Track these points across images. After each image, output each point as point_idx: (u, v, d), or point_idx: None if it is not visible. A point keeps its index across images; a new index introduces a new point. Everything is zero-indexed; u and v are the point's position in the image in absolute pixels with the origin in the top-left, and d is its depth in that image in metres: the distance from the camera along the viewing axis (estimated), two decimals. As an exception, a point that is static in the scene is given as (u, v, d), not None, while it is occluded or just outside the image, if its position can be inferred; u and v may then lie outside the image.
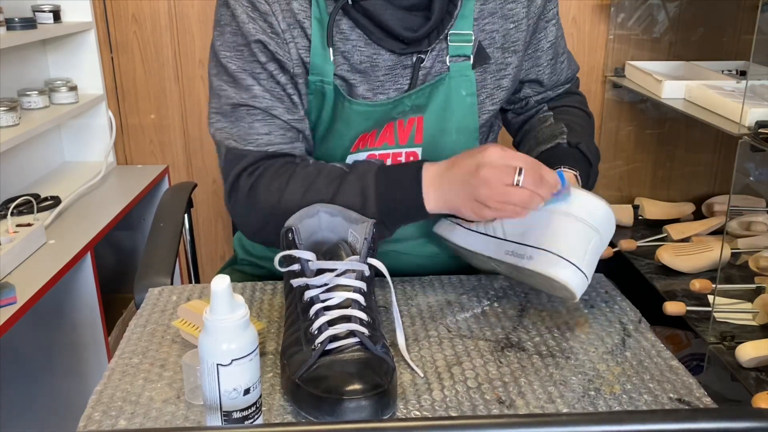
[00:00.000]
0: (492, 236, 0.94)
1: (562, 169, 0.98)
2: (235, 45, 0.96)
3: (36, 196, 1.79)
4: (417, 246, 1.08)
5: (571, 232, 0.87)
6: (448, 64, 1.01)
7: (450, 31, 0.99)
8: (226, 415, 0.66)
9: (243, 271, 1.18)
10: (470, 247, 0.96)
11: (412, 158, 1.03)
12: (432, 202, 0.90)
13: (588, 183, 1.02)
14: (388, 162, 1.02)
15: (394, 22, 0.94)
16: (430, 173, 0.90)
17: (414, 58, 1.00)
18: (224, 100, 0.97)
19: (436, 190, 0.90)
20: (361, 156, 1.02)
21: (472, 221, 0.95)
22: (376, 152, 1.02)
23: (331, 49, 0.97)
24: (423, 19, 0.96)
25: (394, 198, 0.91)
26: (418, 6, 0.97)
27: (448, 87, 1.01)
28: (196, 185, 1.46)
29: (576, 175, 0.99)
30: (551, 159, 1.00)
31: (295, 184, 0.93)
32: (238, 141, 0.97)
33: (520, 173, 0.84)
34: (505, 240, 0.92)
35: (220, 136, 0.98)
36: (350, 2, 0.95)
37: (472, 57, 1.01)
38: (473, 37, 1.01)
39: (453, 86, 1.01)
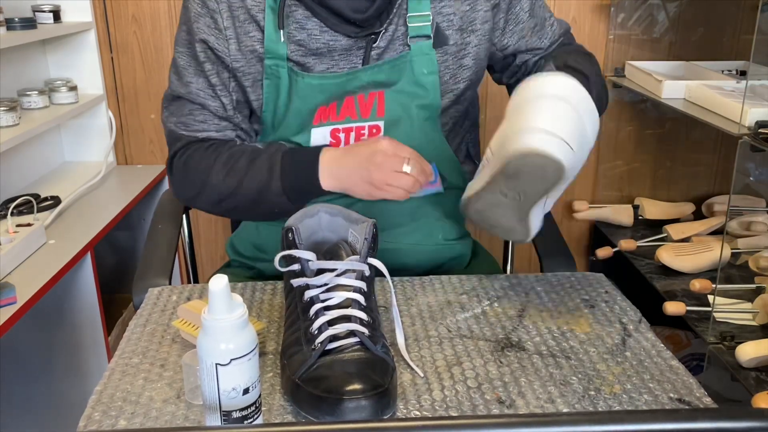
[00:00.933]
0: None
1: None
2: (185, 41, 1.07)
3: (36, 196, 1.79)
4: (401, 235, 1.09)
5: (530, 109, 0.82)
6: (409, 44, 1.06)
7: (408, 14, 1.04)
8: (226, 415, 0.66)
9: (235, 273, 1.19)
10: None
11: (374, 131, 1.08)
12: (326, 180, 1.01)
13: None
14: (352, 135, 1.08)
15: (341, 4, 1.00)
16: (327, 156, 1.01)
17: (367, 40, 1.04)
18: (170, 90, 1.11)
19: (331, 171, 1.01)
20: (325, 129, 1.07)
21: None
22: (340, 125, 1.07)
23: (282, 31, 1.02)
24: (370, 2, 1.02)
25: (295, 175, 1.02)
26: None
27: (410, 65, 1.06)
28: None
29: None
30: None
31: (219, 163, 1.05)
32: (176, 126, 1.10)
33: (408, 163, 0.97)
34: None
35: (164, 121, 1.12)
36: None
37: (432, 37, 1.06)
38: (431, 18, 1.05)
39: (415, 64, 1.06)
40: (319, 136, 1.07)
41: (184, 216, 1.35)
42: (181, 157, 1.08)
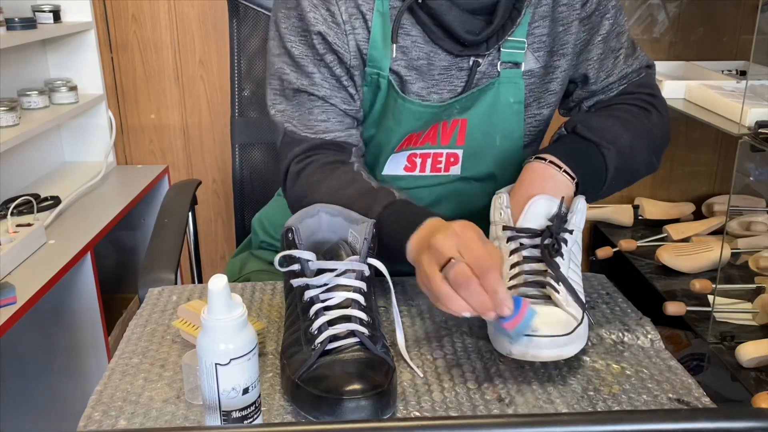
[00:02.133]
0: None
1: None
2: (299, 30, 0.98)
3: (36, 196, 1.79)
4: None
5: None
6: (499, 69, 1.00)
7: (504, 38, 0.98)
8: (225, 415, 0.66)
9: (259, 256, 1.18)
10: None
11: (452, 159, 1.03)
12: (411, 252, 0.83)
13: (602, 171, 0.94)
14: (429, 161, 1.03)
15: (456, 24, 0.95)
16: (429, 223, 0.83)
17: (470, 62, 0.99)
18: (286, 84, 1.00)
19: (419, 241, 0.82)
20: (404, 154, 1.02)
21: None
22: (418, 151, 1.03)
23: (394, 45, 0.96)
24: (485, 24, 0.96)
25: (388, 232, 0.86)
26: (482, 10, 0.96)
27: (497, 92, 1.00)
28: (200, 182, 1.46)
29: (554, 164, 0.90)
30: (538, 153, 0.94)
31: (327, 185, 0.95)
32: (296, 126, 1.00)
33: (452, 265, 0.73)
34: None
35: (280, 118, 1.01)
36: (418, 1, 0.95)
37: (523, 65, 1.00)
38: (525, 45, 0.99)
39: (501, 92, 1.00)
40: (395, 162, 1.03)
41: (189, 213, 1.35)
42: (298, 164, 0.99)
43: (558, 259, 0.84)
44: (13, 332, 1.38)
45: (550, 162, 0.90)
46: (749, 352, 1.39)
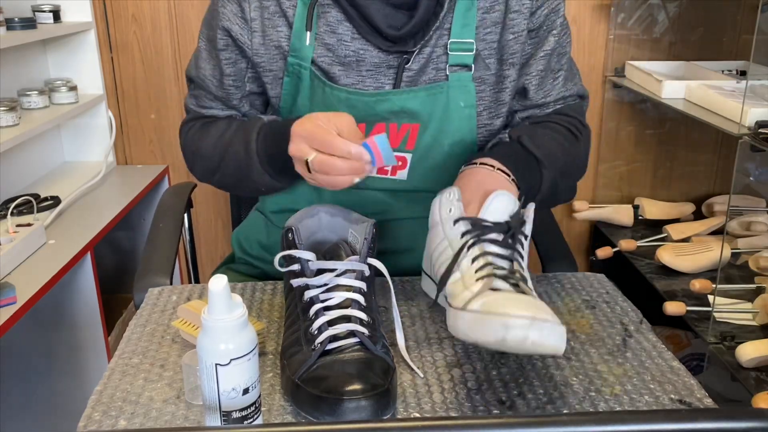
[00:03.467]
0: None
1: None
2: (207, 23, 1.06)
3: (36, 196, 1.79)
4: (400, 260, 1.04)
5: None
6: (447, 73, 0.99)
7: (450, 40, 0.98)
8: (225, 415, 0.66)
9: (238, 270, 1.18)
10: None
11: (399, 162, 1.01)
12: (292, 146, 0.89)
13: (536, 187, 0.94)
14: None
15: (378, 17, 0.95)
16: (298, 122, 0.89)
17: (399, 59, 0.98)
18: (189, 68, 1.11)
19: (295, 136, 0.89)
20: None
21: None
22: None
23: (308, 33, 0.98)
24: (408, 18, 0.96)
25: (271, 141, 0.96)
26: (405, 4, 0.96)
27: (447, 97, 0.99)
28: (195, 186, 1.46)
29: (498, 165, 0.90)
30: (475, 156, 0.93)
31: (211, 135, 1.05)
32: (189, 101, 1.12)
33: (311, 164, 0.85)
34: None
35: (187, 95, 1.14)
36: None
37: (472, 67, 0.99)
38: (474, 47, 0.98)
39: (451, 96, 0.99)
40: None
41: (185, 215, 1.35)
42: (188, 131, 1.10)
43: (519, 258, 0.81)
44: (13, 332, 1.38)
45: (498, 170, 0.89)
46: (749, 352, 1.39)
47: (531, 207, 0.85)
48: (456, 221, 0.83)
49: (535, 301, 0.74)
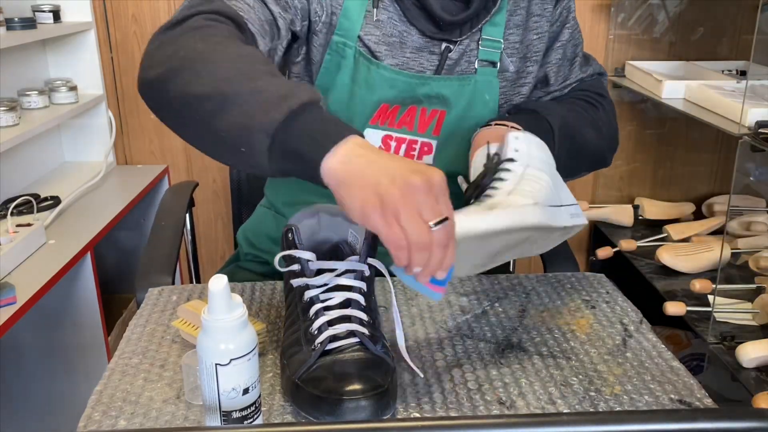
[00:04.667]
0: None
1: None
2: None
3: (36, 196, 1.79)
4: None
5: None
6: (476, 66, 1.03)
7: (482, 36, 1.02)
8: (225, 415, 0.66)
9: (247, 267, 1.18)
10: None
11: (425, 148, 1.04)
12: (335, 160, 0.68)
13: (555, 151, 0.95)
14: (403, 147, 1.03)
15: (434, 2, 0.97)
16: (360, 141, 0.70)
17: (443, 46, 1.01)
18: None
19: (350, 156, 0.68)
20: (379, 133, 1.03)
21: None
22: (394, 134, 1.04)
23: (375, 9, 0.97)
24: (462, 7, 0.99)
25: (306, 125, 0.70)
26: None
27: (474, 88, 1.03)
28: (197, 184, 1.46)
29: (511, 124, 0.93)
30: (490, 121, 0.96)
31: (236, 47, 0.79)
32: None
33: (442, 222, 0.66)
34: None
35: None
36: None
37: (498, 64, 1.03)
38: (502, 45, 1.03)
39: (478, 89, 1.03)
40: (371, 138, 1.02)
41: (187, 215, 1.35)
42: (203, 20, 0.82)
43: (499, 183, 0.83)
44: (13, 332, 1.38)
45: (497, 124, 0.93)
46: (749, 352, 1.39)
47: (524, 133, 0.88)
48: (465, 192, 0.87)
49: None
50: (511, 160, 0.85)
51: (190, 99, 0.75)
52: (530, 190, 0.82)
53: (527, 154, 0.86)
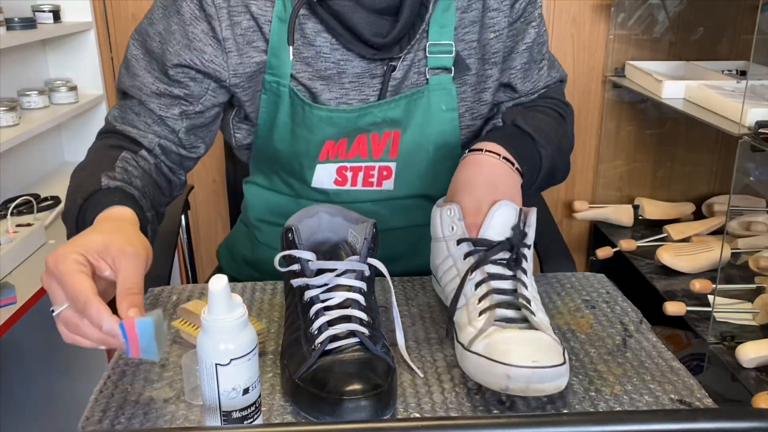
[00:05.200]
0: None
1: None
2: (164, 31, 0.94)
3: (36, 196, 1.79)
4: (402, 263, 1.04)
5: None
6: (427, 76, 0.96)
7: (429, 42, 0.95)
8: (226, 415, 0.66)
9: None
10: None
11: (385, 172, 1.00)
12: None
13: (537, 167, 0.92)
14: (360, 175, 0.99)
15: (363, 25, 0.90)
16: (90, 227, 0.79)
17: (384, 67, 0.95)
18: (120, 79, 0.99)
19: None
20: (332, 167, 0.99)
21: None
22: (348, 164, 0.99)
23: (291, 48, 0.92)
24: (392, 23, 0.91)
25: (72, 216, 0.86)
26: (389, 10, 0.91)
27: (428, 101, 0.96)
28: (192, 187, 1.46)
29: (504, 153, 0.87)
30: (471, 142, 0.91)
31: (89, 157, 0.94)
32: (111, 113, 0.99)
33: (58, 316, 0.69)
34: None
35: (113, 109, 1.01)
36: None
37: (452, 69, 0.96)
38: (453, 48, 0.95)
39: (432, 100, 0.96)
40: (324, 173, 0.99)
41: (182, 216, 1.35)
42: (98, 138, 0.99)
43: (522, 276, 0.80)
44: (13, 332, 1.38)
45: (504, 159, 0.87)
46: (749, 352, 1.39)
47: (533, 212, 0.85)
48: (459, 242, 0.83)
49: (539, 336, 0.74)
50: (528, 246, 0.83)
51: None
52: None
53: (532, 242, 0.84)
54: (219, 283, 0.64)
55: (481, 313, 0.78)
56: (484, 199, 0.83)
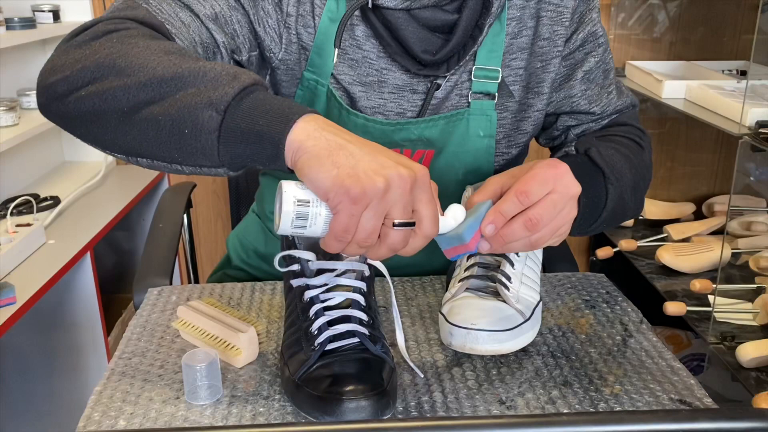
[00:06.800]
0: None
1: None
2: None
3: (36, 196, 1.79)
4: (401, 262, 1.03)
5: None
6: (469, 99, 0.94)
7: (475, 66, 0.92)
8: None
9: (235, 276, 1.16)
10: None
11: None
12: (300, 133, 0.63)
13: (600, 206, 0.83)
14: None
15: (414, 40, 0.87)
16: (322, 120, 0.65)
17: (428, 84, 0.92)
18: None
19: (320, 131, 0.63)
20: None
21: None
22: None
23: (336, 50, 0.89)
24: (444, 42, 0.88)
25: (256, 105, 0.64)
26: (443, 28, 0.88)
27: (466, 125, 0.94)
28: (195, 185, 1.46)
29: None
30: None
31: (158, 42, 0.71)
32: (117, 4, 0.79)
33: (407, 224, 0.64)
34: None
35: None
36: (370, 5, 0.86)
37: (496, 96, 0.94)
38: (500, 74, 0.93)
39: (471, 124, 0.94)
40: None
41: (184, 215, 1.35)
42: (112, 24, 0.73)
43: (512, 255, 0.86)
44: (13, 332, 1.39)
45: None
46: (750, 352, 1.39)
47: None
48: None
49: (497, 306, 0.82)
50: None
51: (117, 93, 0.66)
52: None
53: None
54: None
55: (460, 281, 0.86)
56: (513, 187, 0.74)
